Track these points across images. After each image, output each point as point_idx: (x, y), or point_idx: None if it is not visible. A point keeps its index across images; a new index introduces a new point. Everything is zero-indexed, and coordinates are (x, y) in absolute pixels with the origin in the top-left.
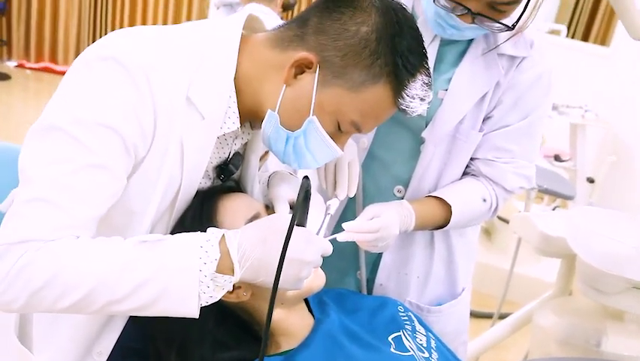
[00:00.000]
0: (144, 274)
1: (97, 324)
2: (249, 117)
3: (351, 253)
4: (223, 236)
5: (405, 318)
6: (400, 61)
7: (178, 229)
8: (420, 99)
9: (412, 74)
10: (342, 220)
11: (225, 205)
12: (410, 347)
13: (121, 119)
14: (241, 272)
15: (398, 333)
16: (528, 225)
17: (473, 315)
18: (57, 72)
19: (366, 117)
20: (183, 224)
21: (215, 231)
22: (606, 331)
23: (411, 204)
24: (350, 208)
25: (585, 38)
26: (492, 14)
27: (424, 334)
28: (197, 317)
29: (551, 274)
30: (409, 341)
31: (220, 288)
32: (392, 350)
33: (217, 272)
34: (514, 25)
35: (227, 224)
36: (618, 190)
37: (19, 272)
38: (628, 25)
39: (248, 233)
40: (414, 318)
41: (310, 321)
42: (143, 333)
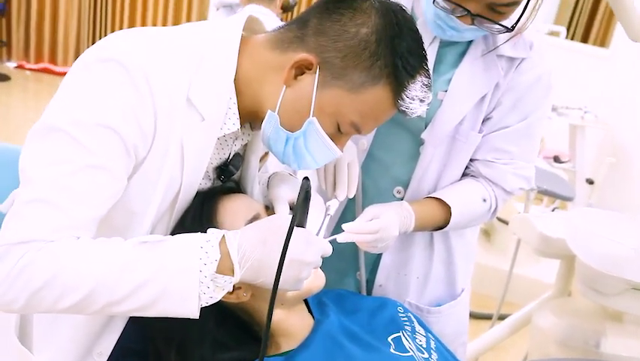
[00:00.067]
0: (144, 274)
1: (97, 325)
2: (249, 118)
3: (350, 254)
4: (223, 237)
5: (404, 319)
6: (400, 62)
7: (178, 230)
8: (419, 100)
9: (412, 76)
10: (341, 221)
11: (225, 206)
12: (410, 348)
13: (121, 119)
14: (241, 273)
15: (398, 334)
16: (527, 226)
17: (472, 316)
18: (56, 73)
19: (365, 118)
20: (183, 225)
21: (215, 232)
22: (605, 332)
23: (410, 205)
24: (349, 209)
25: (584, 40)
26: (491, 16)
27: (424, 334)
28: (197, 318)
29: (550, 275)
30: (409, 342)
31: (220, 289)
32: (392, 351)
33: (217, 273)
34: (513, 26)
35: (227, 225)
36: (617, 191)
37: (19, 273)
38: (627, 26)
39: (248, 234)
40: (413, 319)
41: (310, 322)
42: (143, 334)
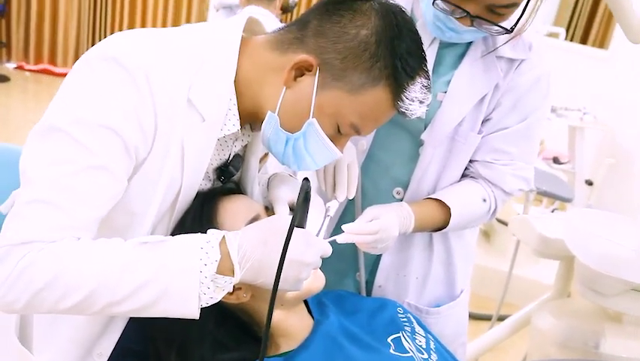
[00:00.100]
0: (145, 275)
1: (97, 325)
2: (249, 119)
3: (350, 255)
4: (223, 238)
5: (404, 319)
6: (400, 64)
7: (178, 231)
8: (419, 102)
9: (412, 77)
10: (341, 222)
11: (225, 207)
12: (409, 349)
13: (121, 120)
14: (241, 273)
15: (397, 334)
16: (527, 227)
17: (472, 317)
18: (56, 74)
19: (365, 120)
20: (184, 225)
21: (215, 232)
22: (604, 333)
23: (410, 206)
24: (349, 210)
25: (584, 41)
26: (490, 17)
27: (423, 335)
28: (197, 318)
29: (550, 276)
30: (408, 343)
31: (220, 289)
32: (391, 351)
33: (217, 273)
34: (512, 27)
35: (227, 226)
36: (616, 193)
37: (20, 273)
38: (626, 29)
39: (248, 234)
40: (413, 319)
41: (310, 322)
42: (144, 334)
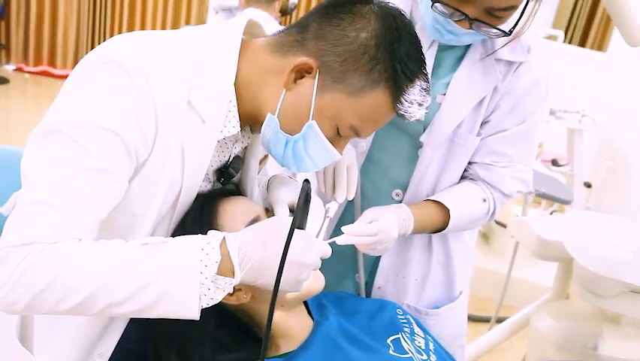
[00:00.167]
0: (145, 276)
1: (98, 326)
2: (249, 121)
3: (349, 256)
4: (224, 239)
5: (403, 321)
6: (399, 66)
7: (179, 232)
8: (418, 104)
9: (411, 80)
10: (341, 223)
11: (225, 208)
12: (409, 350)
13: (122, 122)
14: (241, 274)
15: (397, 335)
16: (525, 229)
17: (471, 319)
18: (56, 76)
19: (365, 122)
20: (184, 227)
21: (215, 233)
22: (603, 334)
23: (409, 207)
24: (349, 212)
25: (582, 44)
26: (489, 20)
27: (423, 336)
28: (197, 319)
29: (548, 277)
30: (408, 344)
31: (221, 290)
32: (391, 353)
33: (218, 274)
34: (511, 30)
35: (227, 227)
36: (615, 195)
37: (21, 275)
38: (624, 31)
39: (248, 236)
40: (412, 321)
41: (309, 323)
42: (144, 335)
